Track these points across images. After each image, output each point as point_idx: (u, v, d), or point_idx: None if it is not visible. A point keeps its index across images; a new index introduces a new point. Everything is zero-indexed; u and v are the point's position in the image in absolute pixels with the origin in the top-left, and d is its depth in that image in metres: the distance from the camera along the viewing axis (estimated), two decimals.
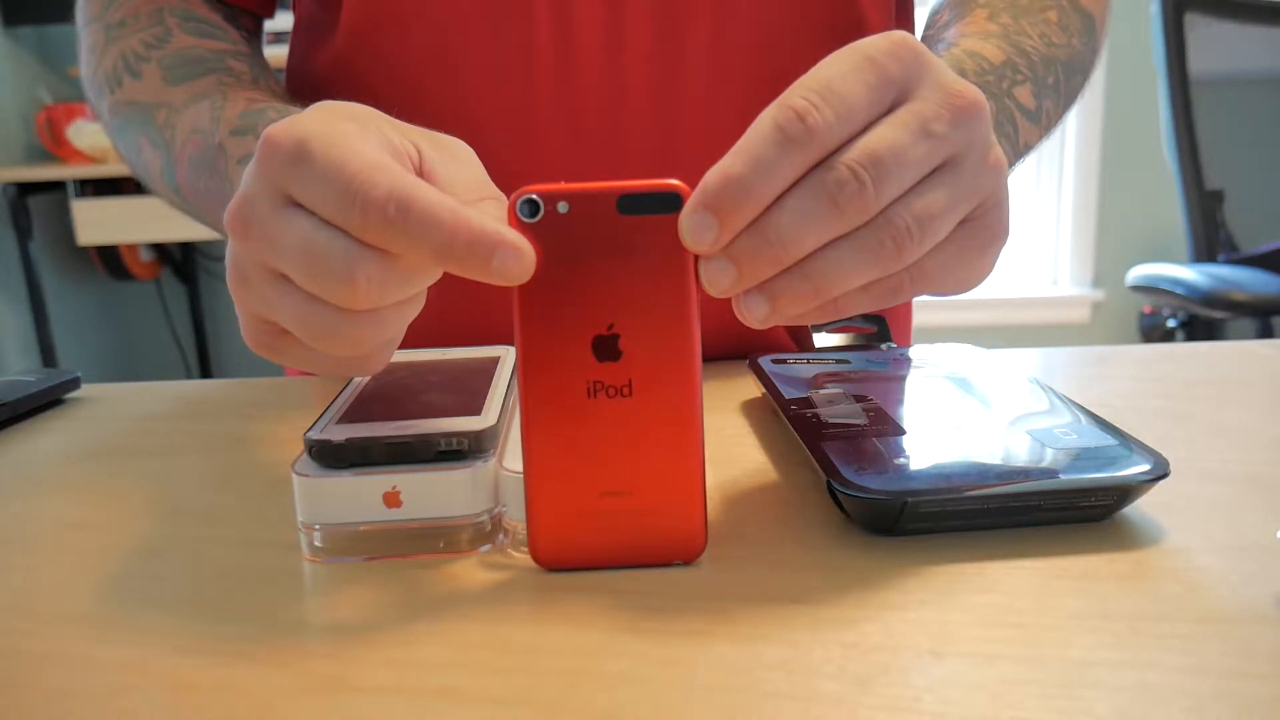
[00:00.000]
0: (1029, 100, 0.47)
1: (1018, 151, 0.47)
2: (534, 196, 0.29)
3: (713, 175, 0.29)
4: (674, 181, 0.29)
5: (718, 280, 0.29)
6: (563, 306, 0.30)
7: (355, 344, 0.31)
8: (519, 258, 0.28)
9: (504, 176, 0.39)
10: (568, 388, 0.30)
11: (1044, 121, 0.49)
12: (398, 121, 0.34)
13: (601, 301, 0.30)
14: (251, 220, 0.31)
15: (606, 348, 0.30)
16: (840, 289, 0.30)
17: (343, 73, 0.57)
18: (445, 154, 0.34)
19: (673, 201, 0.29)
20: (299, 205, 0.30)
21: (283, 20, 0.75)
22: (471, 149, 0.35)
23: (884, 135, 0.30)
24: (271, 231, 0.30)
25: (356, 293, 0.29)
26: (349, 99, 0.43)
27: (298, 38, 0.62)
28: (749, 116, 0.33)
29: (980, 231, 0.33)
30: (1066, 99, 0.52)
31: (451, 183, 0.32)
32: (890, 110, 0.31)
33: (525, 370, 0.30)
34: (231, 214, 0.31)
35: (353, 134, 0.30)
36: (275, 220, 0.30)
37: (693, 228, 0.29)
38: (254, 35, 0.60)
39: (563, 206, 0.29)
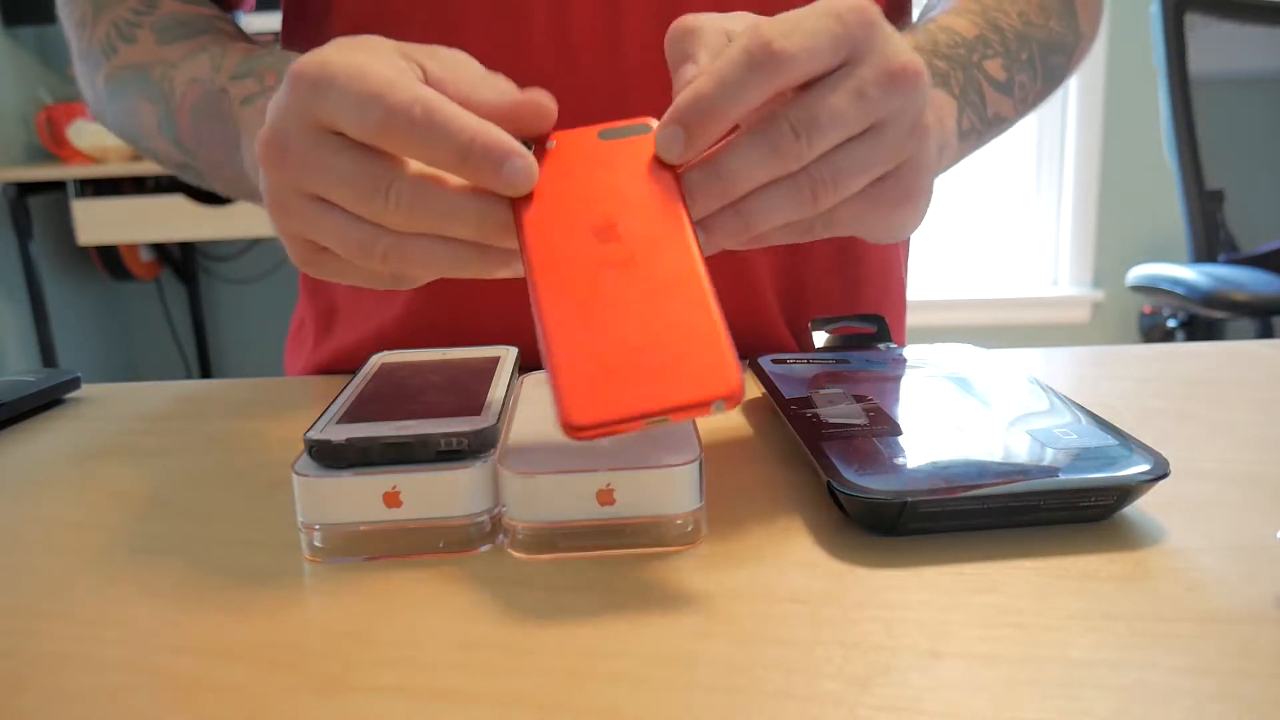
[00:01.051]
0: (999, 73, 0.49)
1: (985, 120, 0.49)
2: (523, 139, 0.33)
3: (685, 93, 0.33)
4: (647, 118, 0.35)
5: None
6: (561, 212, 0.33)
7: (391, 259, 0.34)
8: (527, 166, 0.32)
9: None
10: (574, 265, 0.32)
11: (1018, 94, 0.51)
12: (402, 44, 0.36)
13: (595, 203, 0.33)
14: (286, 149, 0.33)
15: (605, 234, 0.32)
16: (764, 226, 0.35)
17: None
18: (448, 61, 0.36)
19: (646, 129, 0.34)
20: (329, 131, 0.33)
21: (275, 21, 0.75)
22: (469, 55, 0.37)
23: (826, 100, 0.34)
24: (309, 158, 0.33)
25: (387, 206, 0.33)
26: None
27: (288, 28, 0.63)
28: None
29: (894, 189, 0.37)
30: (1046, 77, 0.54)
31: (457, 78, 0.35)
32: (842, 64, 0.34)
33: (532, 257, 0.32)
34: (264, 145, 0.34)
35: (370, 60, 0.33)
36: (311, 147, 0.33)
37: (664, 139, 0.33)
38: (230, 12, 0.62)
39: (550, 144, 0.35)
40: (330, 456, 0.32)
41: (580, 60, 0.54)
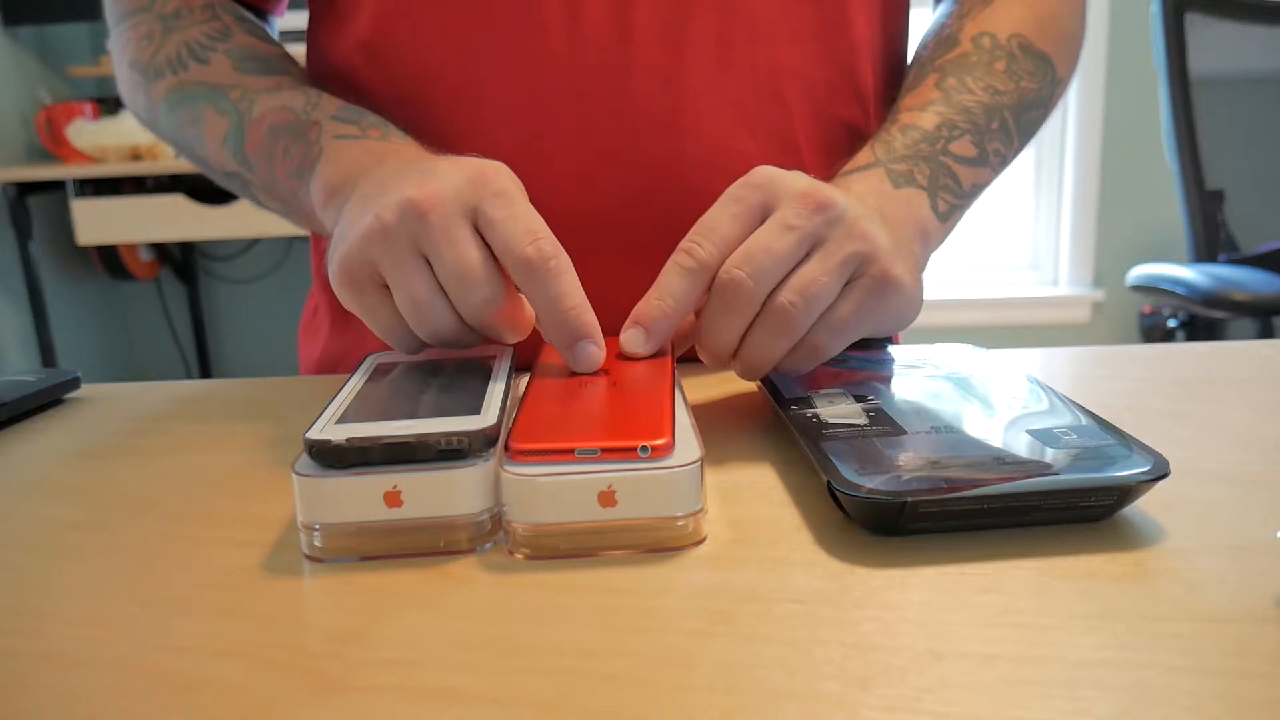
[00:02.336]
0: (969, 150, 0.53)
1: (964, 194, 0.53)
2: None
3: (640, 305, 0.41)
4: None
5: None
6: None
7: (435, 338, 0.41)
8: (595, 355, 0.39)
9: (514, 157, 0.45)
10: (567, 378, 0.39)
11: (994, 160, 0.55)
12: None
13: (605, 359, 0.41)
14: (439, 212, 0.38)
15: (601, 372, 0.40)
16: (768, 361, 0.41)
17: (365, 60, 0.58)
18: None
19: None
20: (474, 225, 0.39)
21: (293, 20, 0.76)
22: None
23: (754, 239, 0.39)
24: (448, 233, 0.38)
25: (471, 307, 0.39)
26: (369, 85, 0.58)
27: (314, 26, 0.63)
28: (749, 100, 0.53)
29: (869, 284, 0.41)
30: (1023, 132, 0.58)
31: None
32: (762, 221, 0.40)
33: (534, 373, 0.40)
34: (425, 194, 0.38)
35: (531, 206, 0.40)
36: (456, 226, 0.38)
37: (627, 339, 0.41)
38: (264, 20, 0.66)
39: None
40: (330, 457, 0.32)
41: (591, 50, 0.55)
